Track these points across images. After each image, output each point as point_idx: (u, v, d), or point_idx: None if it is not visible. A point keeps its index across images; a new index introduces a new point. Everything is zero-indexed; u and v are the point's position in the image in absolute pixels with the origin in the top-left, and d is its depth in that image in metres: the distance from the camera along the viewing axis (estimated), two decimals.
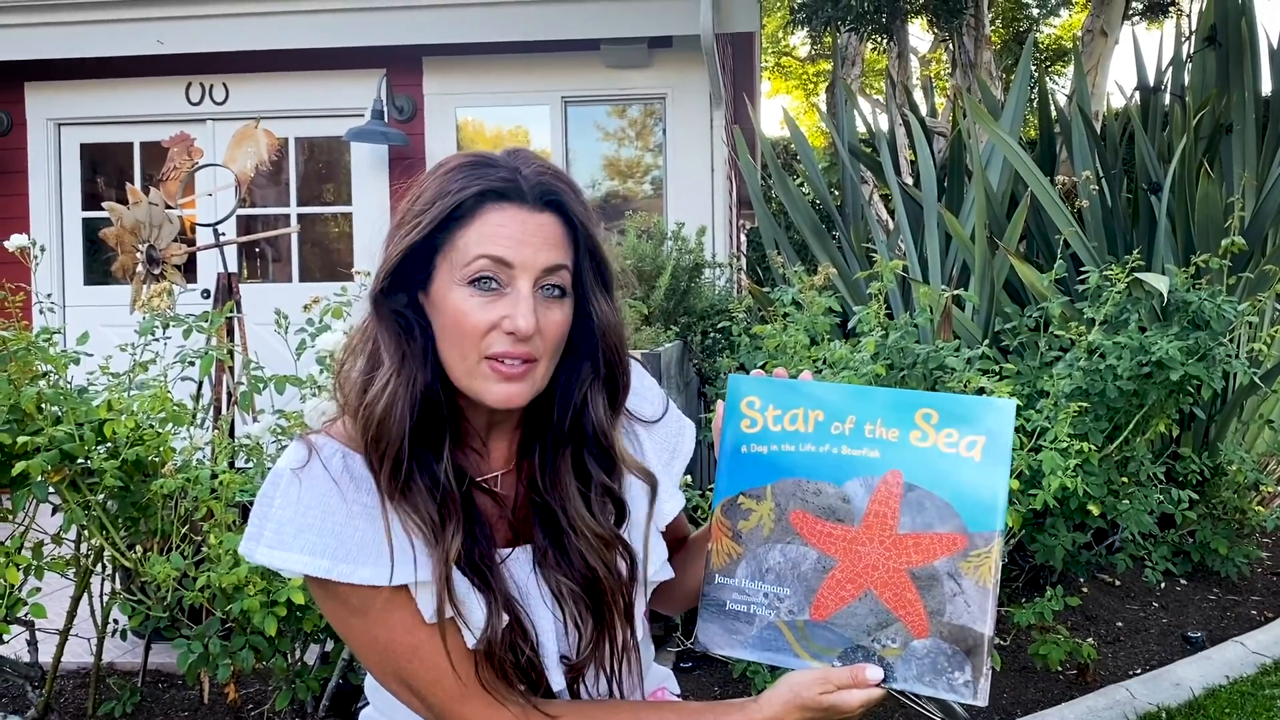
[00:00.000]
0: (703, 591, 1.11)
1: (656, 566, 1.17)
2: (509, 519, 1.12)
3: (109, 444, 2.29)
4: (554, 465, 1.11)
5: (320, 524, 1.00)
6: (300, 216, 6.22)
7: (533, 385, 1.04)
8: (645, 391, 1.23)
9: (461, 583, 1.03)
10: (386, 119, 5.80)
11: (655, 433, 1.23)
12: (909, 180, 5.96)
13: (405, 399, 1.02)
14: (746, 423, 1.11)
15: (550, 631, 1.09)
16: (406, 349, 1.04)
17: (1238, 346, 3.91)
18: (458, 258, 1.01)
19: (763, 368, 1.93)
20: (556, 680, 1.09)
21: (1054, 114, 5.39)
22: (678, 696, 1.30)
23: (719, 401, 1.16)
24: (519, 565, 1.10)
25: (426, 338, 1.05)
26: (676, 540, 1.30)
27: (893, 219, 5.75)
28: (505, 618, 1.04)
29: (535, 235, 1.02)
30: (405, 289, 1.05)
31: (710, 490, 2.81)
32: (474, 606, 1.03)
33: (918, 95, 8.28)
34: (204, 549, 2.29)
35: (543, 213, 1.03)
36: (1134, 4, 8.84)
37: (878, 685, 1.00)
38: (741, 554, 1.09)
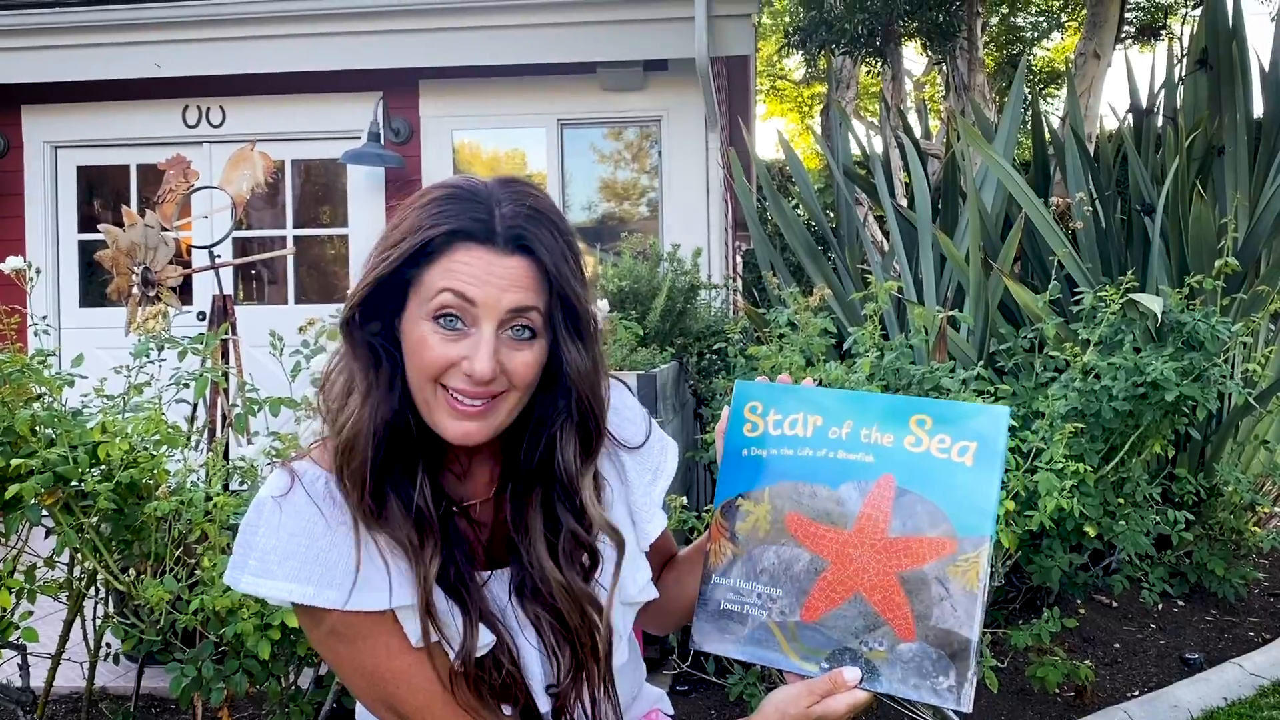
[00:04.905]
0: (699, 591, 1.12)
1: (640, 586, 1.16)
2: (484, 543, 1.12)
3: (103, 466, 2.28)
4: (523, 506, 1.09)
5: (304, 551, 0.99)
6: (296, 238, 6.24)
7: (492, 424, 1.02)
8: (627, 412, 1.22)
9: (442, 603, 1.03)
10: (383, 141, 5.82)
11: (639, 456, 1.22)
12: (903, 202, 5.99)
13: (370, 426, 1.02)
14: (749, 427, 1.13)
15: (533, 653, 1.08)
16: (374, 377, 1.04)
17: (1232, 367, 3.92)
18: (424, 292, 1.00)
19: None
20: (543, 704, 1.08)
21: (1048, 136, 5.42)
22: (671, 718, 1.30)
23: (725, 407, 1.17)
24: (498, 588, 1.09)
25: (396, 366, 1.04)
26: (664, 558, 1.30)
27: (888, 240, 5.77)
28: (491, 636, 1.03)
29: (502, 277, 0.99)
30: (379, 317, 1.05)
31: (706, 511, 2.81)
32: (456, 629, 1.03)
33: (912, 118, 8.34)
34: (198, 572, 2.28)
35: (513, 255, 1.00)
36: (1126, 27, 8.91)
37: (861, 688, 0.99)
38: (737, 554, 1.10)
